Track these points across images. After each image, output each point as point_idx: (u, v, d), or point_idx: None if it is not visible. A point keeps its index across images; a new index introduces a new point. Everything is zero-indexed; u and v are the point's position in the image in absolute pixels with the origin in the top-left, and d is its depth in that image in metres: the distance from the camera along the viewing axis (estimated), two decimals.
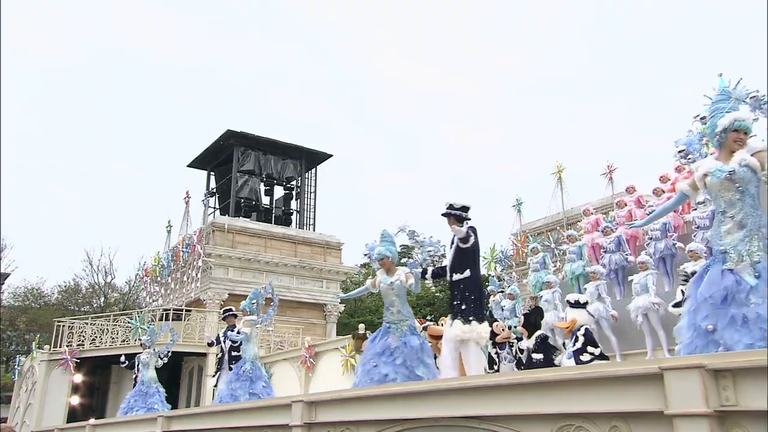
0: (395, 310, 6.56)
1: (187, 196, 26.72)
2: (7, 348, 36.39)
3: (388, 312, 6.62)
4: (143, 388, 12.57)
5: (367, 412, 5.08)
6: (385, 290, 6.63)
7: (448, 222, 6.35)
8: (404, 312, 6.60)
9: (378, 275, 6.73)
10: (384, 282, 6.63)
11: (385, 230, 6.97)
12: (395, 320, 6.53)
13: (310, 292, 25.32)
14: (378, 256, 6.72)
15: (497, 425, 3.97)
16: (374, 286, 6.80)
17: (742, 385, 2.86)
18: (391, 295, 6.57)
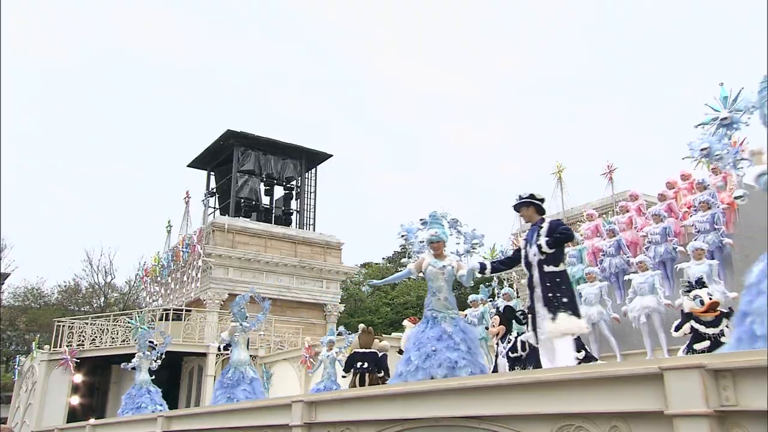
0: (442, 296, 6.11)
1: (187, 196, 26.73)
2: (7, 348, 36.39)
3: (433, 298, 6.15)
4: (133, 390, 12.81)
5: (367, 412, 5.08)
6: (434, 274, 6.16)
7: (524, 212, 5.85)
8: (451, 300, 6.18)
9: (426, 258, 6.28)
10: (434, 265, 6.17)
11: (435, 211, 6.61)
12: (441, 308, 6.08)
13: (310, 292, 25.32)
14: (434, 238, 6.29)
15: (497, 425, 3.97)
16: (418, 270, 6.34)
17: (742, 385, 2.86)
18: (440, 280, 6.13)
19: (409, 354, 5.92)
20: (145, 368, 13.01)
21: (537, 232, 5.62)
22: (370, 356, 10.78)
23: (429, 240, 6.35)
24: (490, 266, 6.22)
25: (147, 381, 12.89)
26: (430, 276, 6.18)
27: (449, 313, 6.06)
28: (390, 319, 38.33)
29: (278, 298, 24.33)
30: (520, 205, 5.85)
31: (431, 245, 6.32)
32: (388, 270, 47.60)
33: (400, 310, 39.53)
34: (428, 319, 6.08)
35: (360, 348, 11.04)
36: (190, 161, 28.69)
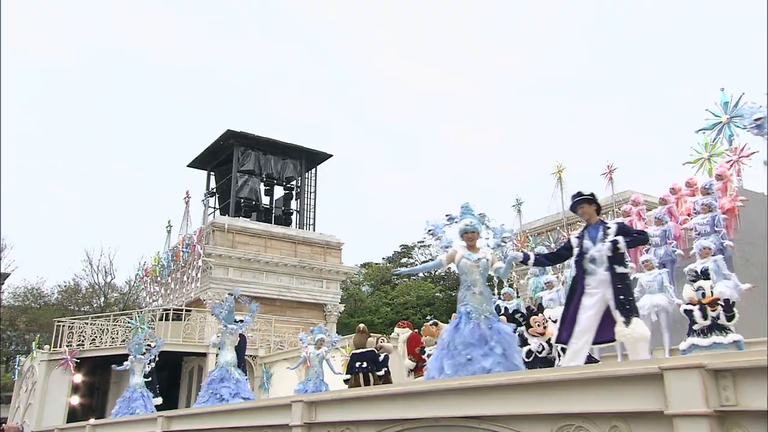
0: (477, 291, 5.79)
1: (187, 196, 26.71)
2: (7, 348, 36.38)
3: (467, 293, 5.82)
4: (128, 393, 12.90)
5: (367, 412, 5.08)
6: (468, 267, 5.88)
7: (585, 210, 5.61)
8: (486, 294, 5.88)
9: (459, 250, 5.99)
10: (469, 258, 5.90)
11: (466, 203, 6.32)
12: (477, 303, 5.74)
13: (310, 292, 25.31)
14: (470, 228, 6.02)
15: (497, 425, 3.97)
16: (449, 261, 6.07)
17: (742, 385, 2.86)
18: (475, 273, 5.86)
19: (442, 361, 5.56)
20: (139, 371, 13.08)
21: (603, 231, 5.45)
22: (368, 355, 10.80)
23: (463, 230, 6.07)
24: (533, 257, 5.99)
25: (141, 384, 12.95)
26: (463, 269, 5.92)
27: (485, 310, 5.75)
28: (390, 319, 38.31)
29: (278, 298, 24.33)
30: (583, 202, 5.63)
31: (465, 236, 6.05)
32: (388, 270, 47.63)
33: (400, 310, 39.52)
34: (461, 315, 5.75)
35: (355, 348, 11.06)
36: (190, 161, 28.67)
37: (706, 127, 11.96)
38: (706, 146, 12.05)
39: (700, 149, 12.14)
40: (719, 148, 11.95)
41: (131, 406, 12.51)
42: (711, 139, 11.98)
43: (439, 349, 5.72)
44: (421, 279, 45.70)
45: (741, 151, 11.45)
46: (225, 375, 10.71)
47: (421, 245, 48.81)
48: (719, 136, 11.91)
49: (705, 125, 11.98)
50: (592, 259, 5.40)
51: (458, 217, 6.27)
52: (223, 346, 11.12)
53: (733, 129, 11.53)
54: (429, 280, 45.29)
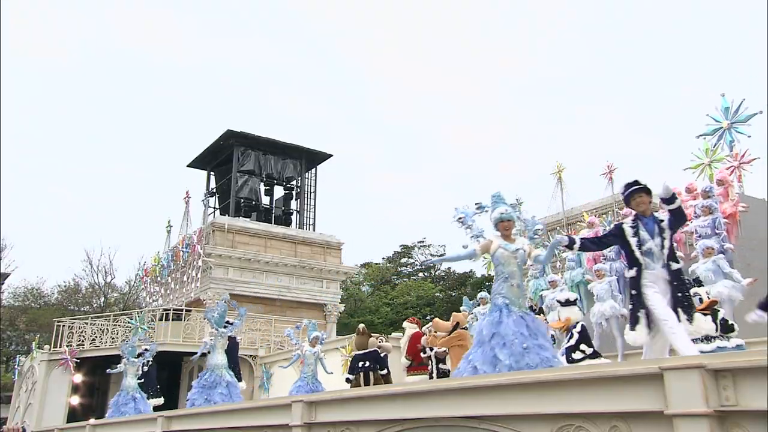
0: (515, 283, 5.52)
1: (187, 196, 26.71)
2: (7, 348, 36.38)
3: (505, 285, 5.51)
4: (120, 397, 13.05)
5: (367, 412, 5.08)
6: (505, 258, 5.58)
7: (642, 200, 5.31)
8: (522, 287, 5.64)
9: (494, 240, 5.69)
10: (506, 248, 5.60)
11: (498, 192, 6.04)
12: (514, 296, 5.47)
13: (310, 292, 25.31)
14: (506, 216, 5.69)
15: (497, 425, 3.97)
16: (484, 251, 5.79)
17: (742, 385, 2.87)
18: (512, 264, 5.56)
19: (494, 351, 5.14)
20: (132, 374, 13.24)
21: (658, 225, 5.20)
22: (371, 355, 10.83)
23: (498, 219, 5.74)
24: (579, 242, 5.65)
25: (134, 387, 13.10)
26: (500, 260, 5.61)
27: (521, 303, 5.49)
28: (390, 319, 38.32)
29: (278, 298, 24.33)
30: (641, 191, 5.33)
31: (501, 224, 5.73)
32: (388, 270, 47.64)
33: (400, 310, 39.52)
34: (500, 307, 5.41)
35: (357, 349, 11.07)
36: (190, 161, 28.67)
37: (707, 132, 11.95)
38: (707, 152, 12.03)
39: (701, 155, 12.11)
40: (720, 153, 11.91)
41: (121, 410, 12.75)
42: (712, 145, 11.96)
43: (482, 344, 5.28)
44: (421, 279, 45.69)
45: (742, 157, 11.42)
46: (218, 380, 10.87)
47: (421, 245, 48.83)
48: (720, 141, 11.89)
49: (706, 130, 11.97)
50: (648, 252, 5.17)
51: (489, 205, 6.03)
52: (214, 349, 11.31)
53: (733, 135, 11.51)
54: (429, 280, 45.28)
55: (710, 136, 11.99)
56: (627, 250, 5.32)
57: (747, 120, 11.08)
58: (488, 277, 27.05)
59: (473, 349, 5.43)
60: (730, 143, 11.63)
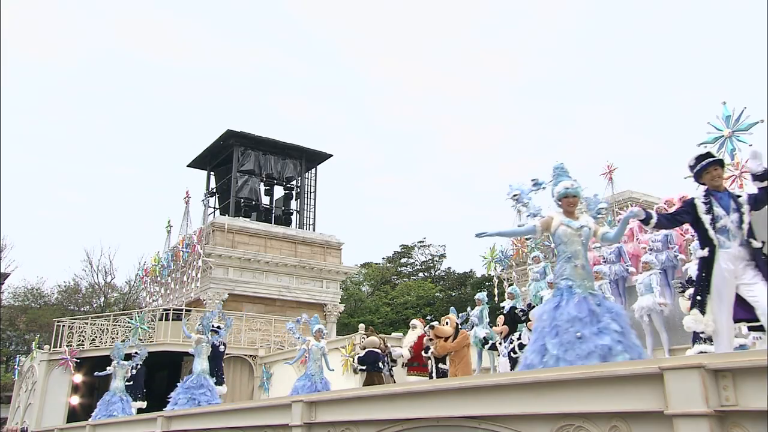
0: (579, 264, 5.02)
1: (187, 196, 26.67)
2: (7, 348, 36.36)
3: (567, 265, 5.03)
4: (107, 397, 13.56)
5: (367, 412, 5.08)
6: (569, 236, 5.08)
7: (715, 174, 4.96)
8: (588, 268, 5.13)
9: (556, 217, 5.20)
10: (569, 225, 5.10)
11: (560, 163, 5.53)
12: (578, 278, 4.97)
13: (310, 292, 25.30)
14: (572, 191, 5.20)
15: (497, 425, 3.97)
16: (545, 228, 5.29)
17: (742, 385, 2.86)
18: (576, 243, 5.07)
19: (543, 340, 4.77)
20: (120, 376, 13.76)
21: (734, 200, 4.83)
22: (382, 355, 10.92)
23: (563, 194, 5.22)
24: (655, 216, 5.15)
25: (121, 389, 13.66)
26: (563, 238, 5.12)
27: (588, 285, 4.99)
28: (390, 319, 38.32)
29: (278, 298, 24.32)
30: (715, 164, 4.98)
31: (565, 200, 5.22)
32: (388, 270, 47.61)
33: (400, 310, 39.52)
34: (562, 290, 4.98)
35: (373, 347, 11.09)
36: (190, 161, 28.66)
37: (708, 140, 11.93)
38: None
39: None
40: None
41: (109, 410, 13.17)
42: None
43: (537, 332, 4.93)
44: (421, 279, 45.68)
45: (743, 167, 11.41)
46: (203, 382, 11.34)
47: (421, 245, 48.85)
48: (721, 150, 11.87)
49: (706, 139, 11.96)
50: (723, 229, 4.77)
51: (552, 179, 5.48)
52: (200, 355, 11.70)
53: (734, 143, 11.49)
54: (429, 280, 45.27)
55: (711, 145, 11.96)
56: (699, 228, 4.90)
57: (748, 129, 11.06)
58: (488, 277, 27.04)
59: (533, 336, 5.01)
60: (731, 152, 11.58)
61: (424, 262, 48.98)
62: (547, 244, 18.63)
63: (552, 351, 4.61)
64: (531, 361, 4.74)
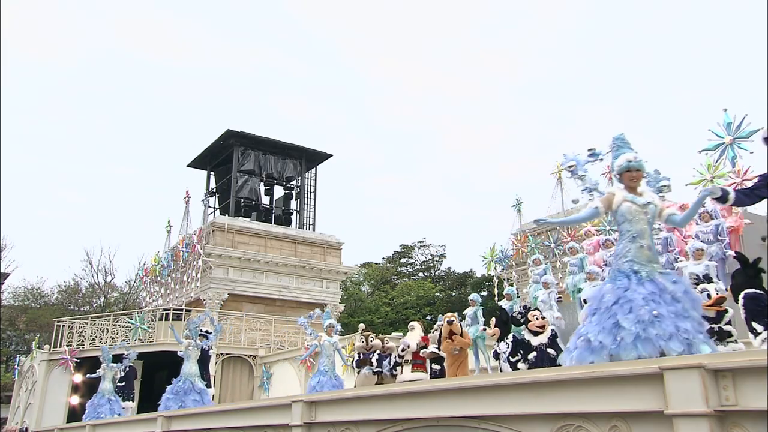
0: (645, 244, 4.54)
1: (187, 196, 26.68)
2: (7, 348, 36.37)
3: (632, 246, 4.54)
4: (96, 398, 13.75)
5: (367, 412, 5.08)
6: (633, 214, 4.62)
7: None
8: (654, 249, 4.64)
9: (618, 193, 4.74)
10: (634, 201, 4.64)
11: (622, 134, 5.08)
12: (644, 259, 4.48)
13: (310, 292, 25.30)
14: (635, 164, 4.73)
15: (497, 425, 3.97)
16: (607, 206, 4.77)
17: (742, 385, 2.87)
18: (641, 221, 4.60)
19: (614, 318, 4.21)
20: (109, 378, 13.98)
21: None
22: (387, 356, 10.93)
23: (625, 167, 4.76)
24: (733, 194, 4.75)
25: (110, 390, 13.88)
26: (626, 216, 4.65)
27: (655, 268, 4.49)
28: (390, 319, 38.33)
29: (278, 298, 24.32)
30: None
31: (627, 174, 4.75)
32: (388, 270, 47.63)
33: (400, 310, 39.53)
34: (627, 274, 4.46)
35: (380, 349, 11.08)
36: (190, 161, 28.67)
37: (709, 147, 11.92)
38: (709, 167, 11.98)
39: (703, 170, 12.07)
40: (722, 169, 11.88)
41: (97, 411, 13.38)
42: (714, 160, 11.93)
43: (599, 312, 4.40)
44: (421, 279, 45.69)
45: (744, 174, 11.40)
46: (190, 387, 11.46)
47: (421, 245, 48.87)
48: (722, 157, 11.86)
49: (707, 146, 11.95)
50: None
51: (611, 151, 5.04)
52: (189, 358, 11.83)
53: (736, 150, 11.48)
54: (429, 280, 45.28)
55: (712, 152, 11.96)
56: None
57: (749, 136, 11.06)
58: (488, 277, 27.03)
59: (586, 320, 4.54)
60: (732, 159, 11.58)
61: (424, 262, 49.01)
62: (547, 244, 18.67)
63: (629, 328, 4.08)
64: (600, 341, 4.17)
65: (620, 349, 4.03)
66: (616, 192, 4.75)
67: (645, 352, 3.93)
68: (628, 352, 3.98)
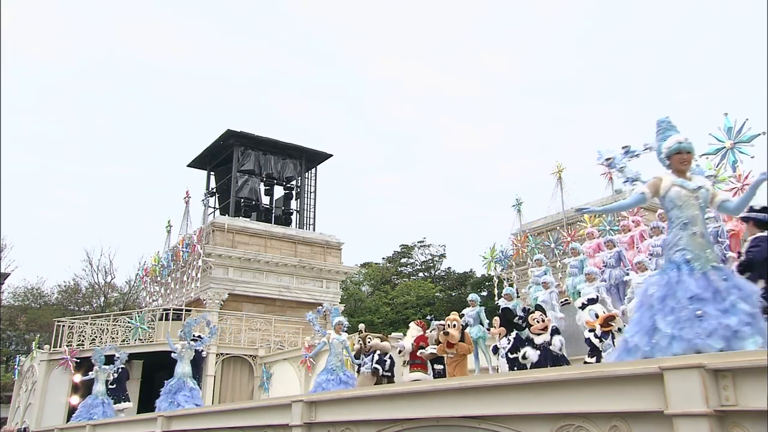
0: (698, 231, 4.23)
1: (187, 196, 26.68)
2: (7, 348, 36.36)
3: (683, 234, 4.23)
4: (89, 400, 14.07)
5: (367, 412, 5.08)
6: (683, 199, 4.30)
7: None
8: (708, 238, 4.33)
9: (665, 178, 4.44)
10: (684, 186, 4.34)
11: (667, 117, 4.79)
12: (698, 249, 4.17)
13: (310, 292, 25.30)
14: (684, 146, 4.43)
15: (497, 425, 3.97)
16: (654, 192, 4.45)
17: (742, 385, 2.87)
18: (693, 207, 4.28)
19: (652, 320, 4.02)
20: (102, 380, 14.33)
21: None
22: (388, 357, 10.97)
23: (675, 149, 4.46)
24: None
25: (102, 392, 14.22)
26: (675, 201, 4.34)
27: (710, 258, 4.17)
28: (390, 319, 38.33)
29: (278, 298, 24.31)
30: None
31: (677, 157, 4.44)
32: (388, 270, 47.61)
33: (400, 310, 39.52)
34: (677, 264, 4.15)
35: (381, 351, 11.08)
36: (190, 161, 28.67)
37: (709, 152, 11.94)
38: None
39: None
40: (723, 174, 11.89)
41: (90, 413, 13.62)
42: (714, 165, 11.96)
43: (643, 307, 4.19)
44: (421, 279, 45.68)
45: (745, 179, 11.40)
46: (182, 385, 12.01)
47: (421, 245, 48.85)
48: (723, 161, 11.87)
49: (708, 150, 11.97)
50: None
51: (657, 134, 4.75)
52: (182, 359, 12.33)
53: (736, 155, 11.51)
54: (429, 280, 45.28)
55: (713, 156, 11.97)
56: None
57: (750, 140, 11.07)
58: (488, 277, 27.02)
59: (638, 313, 4.27)
60: (732, 164, 11.58)
61: (424, 262, 49.01)
62: (547, 244, 18.67)
63: (665, 330, 3.91)
64: (636, 343, 4.03)
65: (654, 351, 3.89)
66: (664, 177, 4.45)
67: (678, 350, 3.77)
68: (663, 354, 3.82)
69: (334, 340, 10.65)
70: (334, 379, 10.12)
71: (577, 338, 9.80)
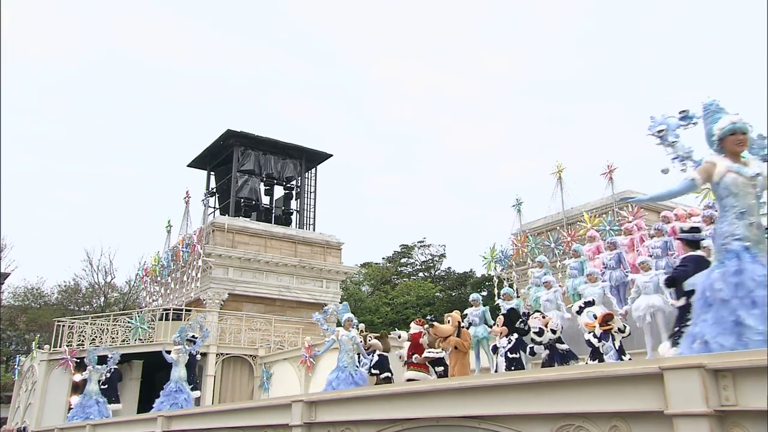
0: (754, 221, 3.95)
1: (187, 196, 26.67)
2: (7, 348, 36.35)
3: (739, 223, 3.95)
4: (83, 400, 14.24)
5: (367, 412, 5.08)
6: (740, 186, 3.98)
7: None
8: (763, 229, 4.03)
9: (719, 162, 4.08)
10: (740, 172, 3.99)
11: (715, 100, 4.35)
12: (755, 238, 3.90)
13: (310, 292, 25.29)
14: (739, 127, 4.07)
15: (497, 425, 3.97)
16: (706, 178, 4.12)
17: (742, 385, 2.87)
18: (750, 195, 3.98)
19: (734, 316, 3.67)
20: (95, 380, 14.50)
21: None
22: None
23: (729, 130, 4.09)
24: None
25: (96, 392, 14.41)
26: (731, 188, 4.01)
27: (760, 246, 3.89)
28: (390, 319, 38.31)
29: (278, 298, 24.31)
30: None
31: (731, 138, 4.08)
32: (388, 270, 47.60)
33: (400, 310, 39.51)
34: (736, 253, 3.86)
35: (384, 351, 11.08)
36: (190, 161, 28.66)
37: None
38: None
39: None
40: None
41: (86, 412, 13.78)
42: None
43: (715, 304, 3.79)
44: (421, 279, 45.67)
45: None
46: (181, 387, 12.65)
47: (421, 245, 48.83)
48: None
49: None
50: None
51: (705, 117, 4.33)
52: (177, 364, 12.83)
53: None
54: (429, 279, 45.27)
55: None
56: None
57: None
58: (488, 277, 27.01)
59: (697, 317, 3.91)
60: None
61: (424, 262, 49.00)
62: (547, 244, 18.67)
63: (756, 327, 3.52)
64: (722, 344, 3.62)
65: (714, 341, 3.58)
66: (718, 161, 4.07)
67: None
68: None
69: (344, 337, 10.39)
70: (345, 377, 9.87)
71: (578, 339, 9.80)
